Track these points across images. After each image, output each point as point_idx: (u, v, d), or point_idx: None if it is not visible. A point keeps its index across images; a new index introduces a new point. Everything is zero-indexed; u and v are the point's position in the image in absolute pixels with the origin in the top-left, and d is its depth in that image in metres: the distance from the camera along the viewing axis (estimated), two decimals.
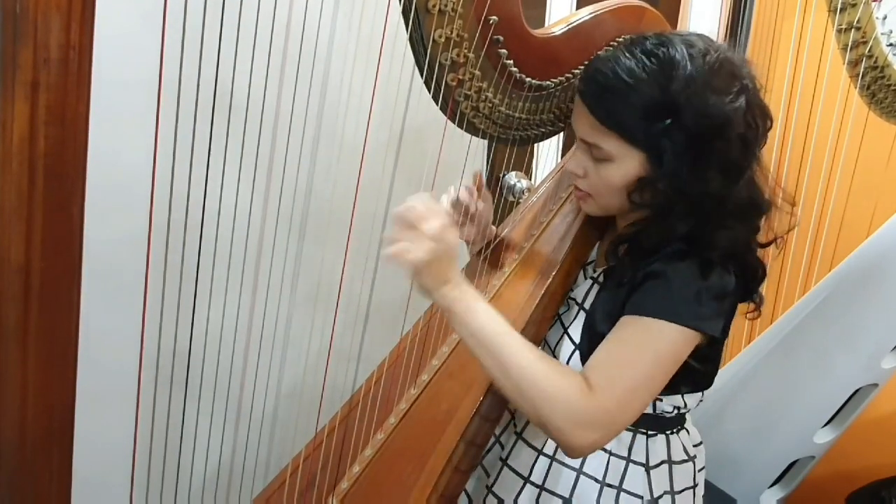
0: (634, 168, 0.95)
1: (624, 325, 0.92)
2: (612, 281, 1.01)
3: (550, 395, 0.87)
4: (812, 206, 1.68)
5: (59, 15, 0.63)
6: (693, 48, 0.92)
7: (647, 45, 0.94)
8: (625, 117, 0.92)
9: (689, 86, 0.90)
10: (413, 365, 1.12)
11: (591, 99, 0.95)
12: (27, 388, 0.71)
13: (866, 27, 1.46)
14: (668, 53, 0.92)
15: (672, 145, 0.91)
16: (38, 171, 0.65)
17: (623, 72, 0.92)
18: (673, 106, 0.90)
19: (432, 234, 0.86)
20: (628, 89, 0.91)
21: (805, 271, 1.73)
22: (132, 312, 0.85)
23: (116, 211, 1.10)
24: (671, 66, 0.91)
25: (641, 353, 0.90)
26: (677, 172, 0.92)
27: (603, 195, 1.00)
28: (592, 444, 0.89)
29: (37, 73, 0.63)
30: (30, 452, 0.73)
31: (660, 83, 0.90)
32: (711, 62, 0.92)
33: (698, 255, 0.92)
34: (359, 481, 1.04)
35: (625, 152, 0.94)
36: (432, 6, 0.90)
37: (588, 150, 0.98)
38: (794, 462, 1.78)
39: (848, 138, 1.63)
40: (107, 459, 1.06)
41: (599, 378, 0.89)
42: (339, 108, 1.05)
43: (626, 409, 0.90)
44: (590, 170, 0.99)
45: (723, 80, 0.92)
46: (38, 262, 0.68)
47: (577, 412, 0.87)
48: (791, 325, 1.71)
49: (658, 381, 0.91)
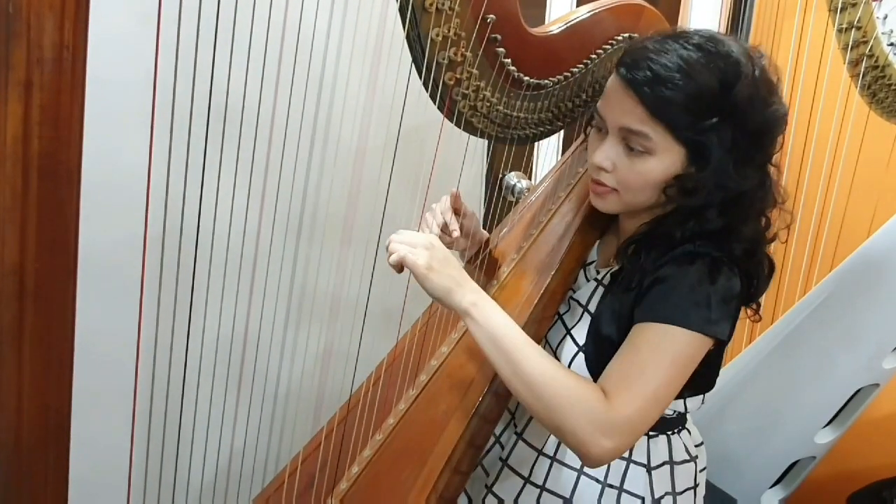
0: (674, 163, 0.93)
1: (637, 332, 0.92)
2: (619, 284, 1.00)
3: (570, 404, 0.87)
4: (812, 206, 1.68)
5: (52, 14, 0.62)
6: (744, 49, 0.93)
7: (696, 39, 0.92)
8: (677, 110, 0.90)
9: (753, 87, 0.90)
10: (411, 366, 1.11)
11: (643, 87, 0.90)
12: (22, 390, 0.71)
13: (867, 27, 1.46)
14: (726, 50, 0.91)
15: (719, 143, 0.90)
16: (33, 172, 0.65)
17: (681, 61, 0.90)
18: (730, 104, 0.90)
19: (426, 242, 0.91)
20: (686, 80, 0.89)
21: (805, 271, 1.72)
22: (129, 314, 0.85)
23: (112, 212, 1.09)
24: (734, 64, 0.90)
25: (657, 360, 0.89)
26: (723, 169, 0.91)
27: (634, 190, 0.97)
28: (612, 453, 0.88)
29: (30, 72, 0.62)
30: (25, 454, 0.72)
31: (721, 80, 0.89)
32: (764, 65, 0.92)
33: (716, 253, 0.92)
34: (357, 482, 1.04)
35: (668, 146, 0.92)
36: (429, 4, 0.90)
37: (622, 143, 0.95)
38: (794, 462, 1.77)
39: (848, 138, 1.62)
40: (103, 461, 1.05)
41: (617, 386, 0.89)
42: (336, 107, 1.04)
43: (644, 417, 0.89)
44: (621, 164, 0.95)
45: (773, 84, 0.93)
46: (32, 263, 0.67)
47: (597, 421, 0.87)
48: (792, 325, 1.71)
49: (675, 387, 0.90)
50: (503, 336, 0.91)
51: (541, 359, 0.91)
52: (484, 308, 0.92)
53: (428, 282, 0.91)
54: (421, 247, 0.91)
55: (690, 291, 0.91)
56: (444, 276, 0.91)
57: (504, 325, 0.92)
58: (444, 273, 0.91)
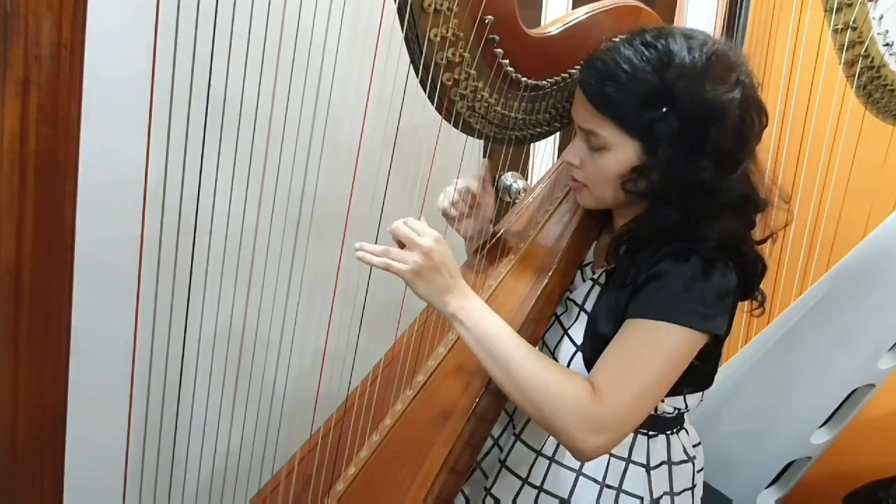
0: (629, 157, 0.95)
1: (629, 328, 0.92)
2: (614, 282, 1.00)
3: (559, 401, 0.89)
4: (809, 205, 1.68)
5: (50, 13, 0.62)
6: (692, 39, 0.94)
7: (646, 36, 0.95)
8: (622, 105, 0.93)
9: (686, 73, 0.91)
10: (409, 366, 1.11)
11: (589, 86, 0.96)
12: (18, 390, 0.70)
13: (862, 27, 1.46)
14: (667, 43, 0.93)
15: (667, 133, 0.92)
16: (30, 170, 0.65)
17: (622, 60, 0.93)
18: (669, 93, 0.91)
19: (425, 248, 0.91)
20: (626, 77, 0.92)
21: (802, 271, 1.73)
22: (125, 313, 0.85)
23: (109, 211, 1.09)
24: (669, 55, 0.92)
25: (648, 356, 0.90)
26: (671, 160, 0.92)
27: (598, 185, 1.01)
28: (602, 447, 0.90)
29: (28, 70, 0.62)
30: (21, 455, 0.72)
31: (657, 71, 0.91)
32: (709, 52, 0.92)
33: (697, 251, 0.92)
34: (354, 483, 1.04)
35: (620, 140, 0.95)
36: (428, 5, 0.90)
37: (585, 140, 0.99)
38: (790, 463, 1.77)
39: (844, 138, 1.63)
40: (100, 462, 1.05)
41: (607, 382, 0.90)
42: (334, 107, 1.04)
43: (634, 412, 0.90)
44: (586, 159, 1.00)
45: (719, 71, 0.93)
46: (29, 262, 0.67)
47: (586, 416, 0.88)
48: (788, 325, 1.71)
49: (665, 383, 0.91)
50: (491, 339, 0.92)
51: (530, 359, 0.92)
52: (472, 312, 0.93)
53: (414, 287, 0.93)
54: (417, 248, 0.92)
55: (684, 288, 0.91)
56: (430, 281, 0.92)
57: (492, 327, 0.93)
58: (430, 278, 0.92)
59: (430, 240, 0.92)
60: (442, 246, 0.93)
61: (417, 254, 0.91)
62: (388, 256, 0.92)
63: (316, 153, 1.01)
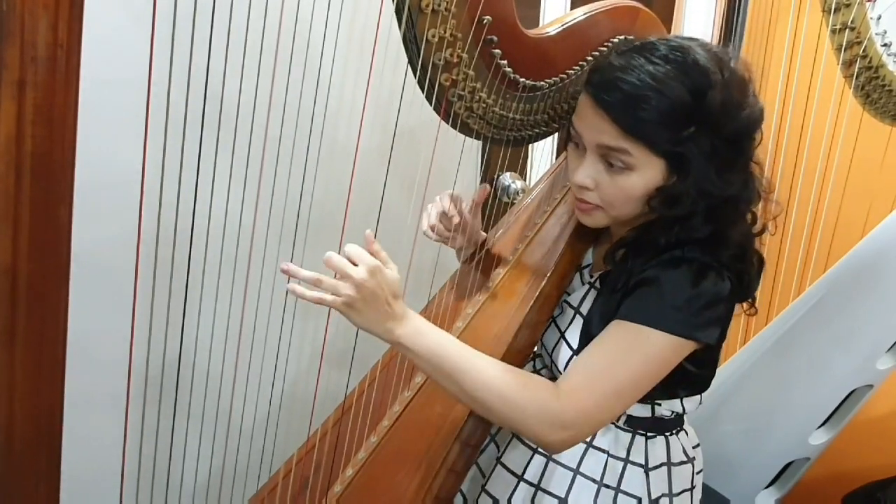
0: (655, 177, 0.93)
1: (612, 328, 0.93)
2: (608, 286, 1.00)
3: (521, 409, 0.89)
4: (807, 206, 1.68)
5: (46, 13, 0.62)
6: (711, 52, 0.92)
7: (662, 50, 0.91)
8: (653, 127, 0.90)
9: (725, 92, 0.90)
10: (406, 367, 1.11)
11: (616, 108, 0.90)
12: (14, 392, 0.70)
13: (860, 27, 1.46)
14: (693, 58, 0.90)
15: (698, 151, 0.90)
16: (25, 171, 0.65)
17: (651, 79, 0.89)
18: (704, 113, 0.89)
19: (357, 279, 0.84)
20: (659, 97, 0.88)
21: (800, 272, 1.73)
22: (121, 316, 0.85)
23: (106, 212, 1.09)
24: (703, 73, 0.89)
25: (626, 358, 0.90)
26: (705, 177, 0.91)
27: (618, 206, 0.97)
28: (570, 441, 0.91)
29: (24, 71, 0.62)
30: (17, 457, 0.72)
31: (692, 90, 0.89)
32: (734, 68, 0.92)
33: (704, 258, 0.92)
34: (352, 484, 1.04)
35: (647, 161, 0.92)
36: (425, 6, 0.90)
37: (601, 160, 0.95)
38: (789, 463, 1.77)
39: (842, 139, 1.63)
40: (96, 464, 1.05)
41: (578, 379, 0.91)
42: (331, 108, 1.04)
43: (604, 410, 0.91)
44: (602, 181, 0.95)
45: (743, 83, 0.93)
46: (25, 263, 0.67)
47: (550, 419, 0.89)
48: (786, 326, 1.71)
49: (642, 386, 0.91)
50: (440, 360, 0.89)
51: (484, 372, 0.89)
52: (414, 338, 0.89)
53: (350, 319, 0.87)
54: (348, 280, 0.84)
55: (671, 295, 0.90)
56: (364, 314, 0.86)
57: (438, 348, 0.89)
58: (364, 311, 0.85)
59: (363, 270, 0.84)
60: (376, 277, 0.85)
61: (349, 286, 0.84)
62: (320, 287, 0.85)
63: (314, 154, 1.01)
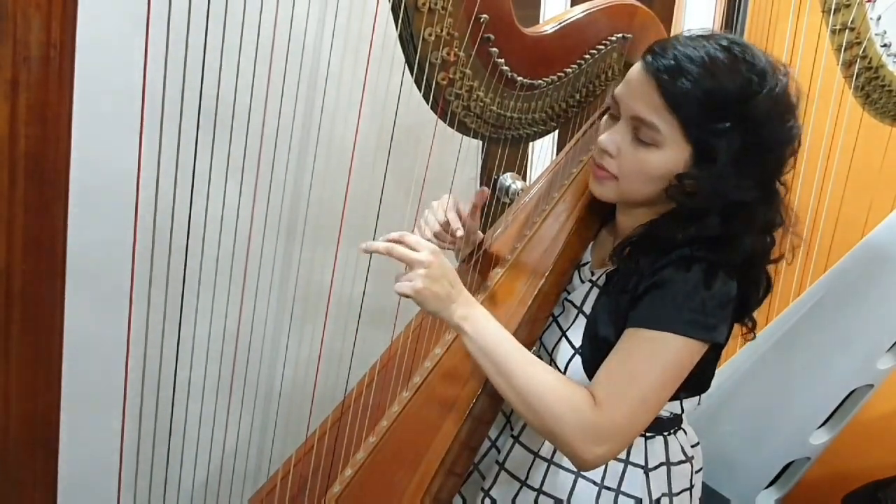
0: (676, 160, 0.93)
1: (631, 337, 0.92)
2: (615, 286, 0.99)
3: (561, 413, 0.88)
4: (807, 206, 1.68)
5: (38, 13, 0.62)
6: (771, 62, 0.92)
7: (726, 42, 0.92)
8: (692, 104, 0.89)
9: (772, 101, 0.90)
10: (405, 367, 1.11)
11: (663, 75, 0.90)
12: (10, 392, 0.70)
13: (860, 28, 1.46)
14: (752, 58, 0.90)
15: (727, 148, 0.90)
16: (19, 172, 0.65)
17: (707, 58, 0.89)
18: (746, 112, 0.89)
19: (424, 262, 0.90)
20: (709, 77, 0.89)
21: (800, 272, 1.72)
22: (118, 315, 0.84)
23: (101, 213, 1.08)
24: (758, 74, 0.90)
25: (649, 366, 0.90)
26: (724, 176, 0.91)
27: (632, 180, 0.96)
28: (603, 457, 0.90)
29: (17, 71, 0.62)
30: (13, 459, 0.72)
31: (741, 85, 0.89)
32: (788, 86, 0.92)
33: (713, 257, 0.91)
34: (351, 485, 1.03)
35: (676, 141, 0.92)
36: (422, 4, 0.89)
37: (632, 130, 0.94)
38: (789, 463, 1.77)
39: (842, 139, 1.62)
40: (93, 466, 1.04)
41: (608, 392, 0.89)
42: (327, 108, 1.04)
43: (635, 422, 0.90)
44: (626, 150, 0.95)
45: (791, 105, 0.93)
46: (19, 264, 0.67)
47: (587, 427, 0.88)
48: (786, 326, 1.71)
49: (666, 393, 0.91)
50: (494, 348, 0.92)
51: (532, 368, 0.91)
52: (475, 321, 0.93)
53: (423, 304, 0.93)
54: (417, 264, 0.91)
55: (686, 297, 0.90)
56: (433, 294, 0.91)
57: (495, 336, 0.93)
58: (433, 291, 0.91)
59: (427, 253, 0.91)
60: (439, 257, 0.92)
61: (418, 269, 0.91)
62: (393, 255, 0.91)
63: (310, 154, 1.01)
